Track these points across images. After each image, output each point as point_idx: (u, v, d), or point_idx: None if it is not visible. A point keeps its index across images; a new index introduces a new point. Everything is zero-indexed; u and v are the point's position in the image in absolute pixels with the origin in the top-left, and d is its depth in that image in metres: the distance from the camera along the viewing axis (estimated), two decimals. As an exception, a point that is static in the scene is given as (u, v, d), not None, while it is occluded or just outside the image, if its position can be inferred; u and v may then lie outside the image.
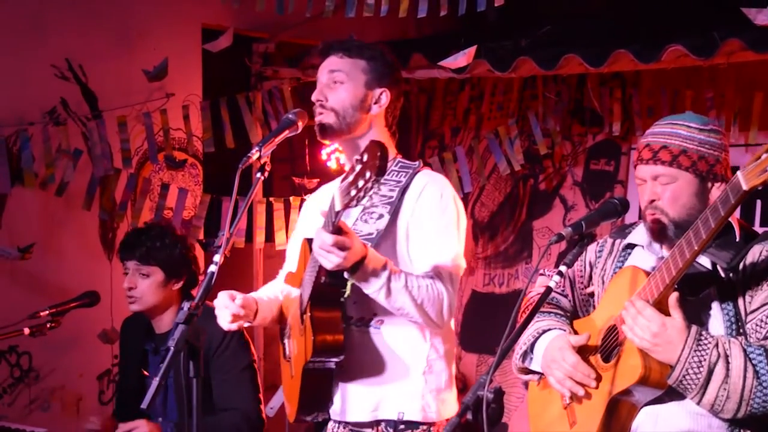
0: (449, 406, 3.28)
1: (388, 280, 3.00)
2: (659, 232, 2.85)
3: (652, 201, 2.83)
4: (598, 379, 2.85)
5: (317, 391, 3.24)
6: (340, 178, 3.44)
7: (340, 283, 3.05)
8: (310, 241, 3.10)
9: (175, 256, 4.05)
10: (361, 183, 2.63)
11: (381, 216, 3.15)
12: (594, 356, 2.90)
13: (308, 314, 3.08)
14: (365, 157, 2.62)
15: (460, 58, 4.57)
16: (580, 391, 2.88)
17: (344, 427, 3.27)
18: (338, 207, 2.74)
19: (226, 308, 3.17)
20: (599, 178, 5.80)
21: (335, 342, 3.09)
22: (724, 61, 4.60)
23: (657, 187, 2.83)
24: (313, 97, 3.26)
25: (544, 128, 5.62)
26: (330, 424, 3.30)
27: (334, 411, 3.27)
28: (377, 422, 3.22)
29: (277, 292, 3.50)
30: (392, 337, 3.22)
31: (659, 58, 4.58)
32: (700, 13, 4.78)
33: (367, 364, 3.20)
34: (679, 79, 5.26)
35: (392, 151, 3.30)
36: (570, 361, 2.88)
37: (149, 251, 4.01)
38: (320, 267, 2.99)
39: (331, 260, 2.89)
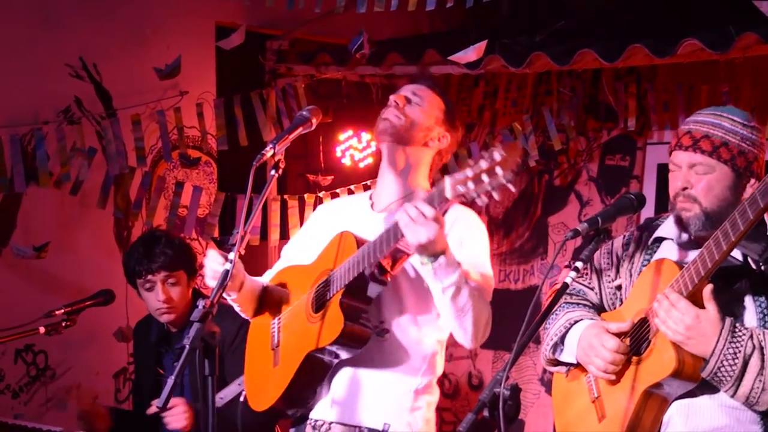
0: (431, 429, 3.32)
1: (460, 280, 2.99)
2: (688, 221, 2.82)
3: (685, 188, 2.81)
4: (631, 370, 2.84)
5: (309, 382, 3.25)
6: (367, 193, 3.49)
7: (383, 279, 3.08)
8: (357, 238, 3.14)
9: (190, 255, 4.06)
10: (485, 178, 2.57)
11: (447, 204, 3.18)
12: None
13: (337, 301, 3.08)
14: (500, 155, 2.55)
15: (471, 53, 4.54)
16: None
17: (326, 428, 3.26)
18: (449, 195, 2.70)
19: (210, 261, 3.21)
20: (614, 173, 5.77)
21: (362, 333, 3.11)
22: (740, 55, 4.57)
23: (692, 175, 2.81)
24: (393, 97, 3.33)
25: (558, 124, 5.59)
26: (308, 423, 3.30)
27: (319, 408, 3.28)
28: (360, 428, 3.23)
29: (264, 280, 3.52)
30: (395, 349, 3.24)
31: (674, 52, 4.55)
32: (715, 6, 4.75)
33: (365, 369, 3.22)
34: (694, 73, 5.23)
35: (428, 187, 3.34)
36: (610, 345, 2.84)
37: (173, 256, 4.00)
38: (374, 262, 3.00)
39: (420, 234, 2.85)
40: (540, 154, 5.61)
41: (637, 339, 2.85)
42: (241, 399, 3.48)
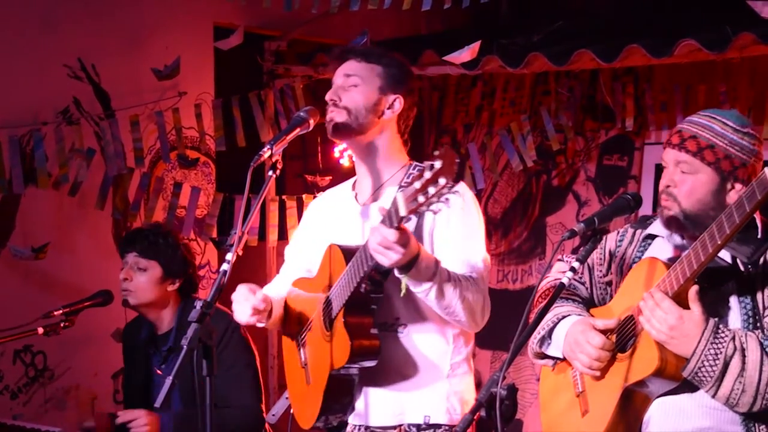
0: None
1: (440, 278, 2.98)
2: (669, 221, 2.85)
3: (668, 186, 2.83)
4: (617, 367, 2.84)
5: (340, 397, 3.23)
6: (350, 182, 3.46)
7: (379, 291, 3.07)
8: (344, 249, 3.11)
9: (177, 256, 4.06)
10: (432, 189, 2.58)
11: (408, 219, 3.14)
12: None
13: (342, 321, 3.07)
14: (439, 163, 2.56)
15: (465, 53, 4.55)
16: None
17: (366, 430, 3.25)
18: (403, 212, 2.69)
19: (247, 301, 3.19)
20: (612, 173, 5.78)
21: (372, 346, 3.09)
22: (737, 55, 4.58)
23: (677, 174, 2.83)
24: (327, 97, 3.25)
25: (556, 124, 5.60)
26: (349, 428, 3.29)
27: (356, 415, 3.26)
28: (401, 426, 3.21)
29: (282, 294, 3.47)
30: (416, 340, 3.21)
31: (672, 52, 4.56)
32: (712, 7, 4.76)
33: (391, 368, 3.19)
34: (692, 73, 5.24)
35: (404, 158, 3.30)
36: (595, 342, 2.85)
37: (152, 245, 4.02)
38: (362, 275, 2.97)
39: (390, 257, 2.85)
40: (538, 154, 5.61)
41: (624, 336, 2.86)
42: (291, 411, 3.47)
